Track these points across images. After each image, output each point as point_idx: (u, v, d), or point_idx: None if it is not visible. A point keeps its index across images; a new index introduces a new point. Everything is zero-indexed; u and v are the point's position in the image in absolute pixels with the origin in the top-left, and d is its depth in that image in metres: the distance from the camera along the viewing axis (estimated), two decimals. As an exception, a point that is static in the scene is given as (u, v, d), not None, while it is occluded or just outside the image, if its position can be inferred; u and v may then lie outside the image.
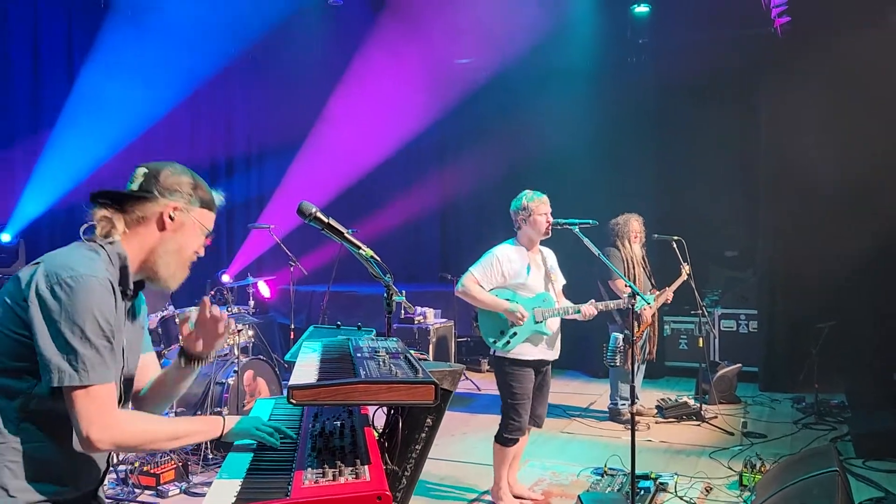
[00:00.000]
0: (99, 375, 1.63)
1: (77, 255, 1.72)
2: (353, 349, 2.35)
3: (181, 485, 4.57)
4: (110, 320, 1.67)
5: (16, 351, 1.64)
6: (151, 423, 1.83)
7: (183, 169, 1.93)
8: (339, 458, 1.80)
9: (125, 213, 1.83)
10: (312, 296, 8.39)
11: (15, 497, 1.64)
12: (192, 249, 1.93)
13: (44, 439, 1.69)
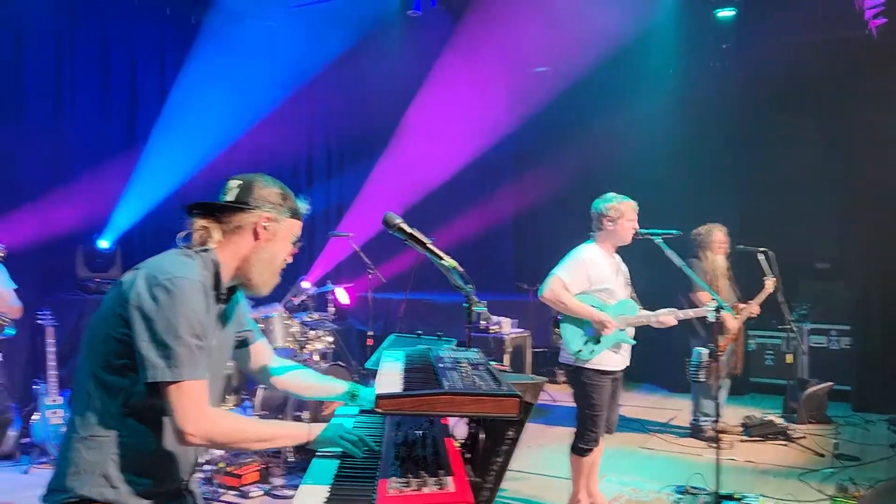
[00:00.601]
0: (190, 372, 1.72)
1: (174, 260, 1.84)
2: (434, 359, 2.36)
3: (263, 487, 4.70)
4: (202, 321, 1.77)
5: (118, 350, 1.75)
6: (242, 423, 1.91)
7: (273, 181, 2.02)
8: (422, 468, 1.81)
9: (221, 223, 1.93)
10: (389, 303, 8.48)
11: (118, 487, 1.76)
12: (282, 257, 2.02)
13: (143, 434, 1.79)
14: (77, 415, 1.82)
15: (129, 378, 1.75)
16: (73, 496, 1.74)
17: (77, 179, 6.51)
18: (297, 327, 5.77)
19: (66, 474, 1.76)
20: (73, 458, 1.76)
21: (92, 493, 1.73)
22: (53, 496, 1.78)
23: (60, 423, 5.50)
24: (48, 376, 5.48)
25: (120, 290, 1.79)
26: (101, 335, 1.79)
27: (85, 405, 1.80)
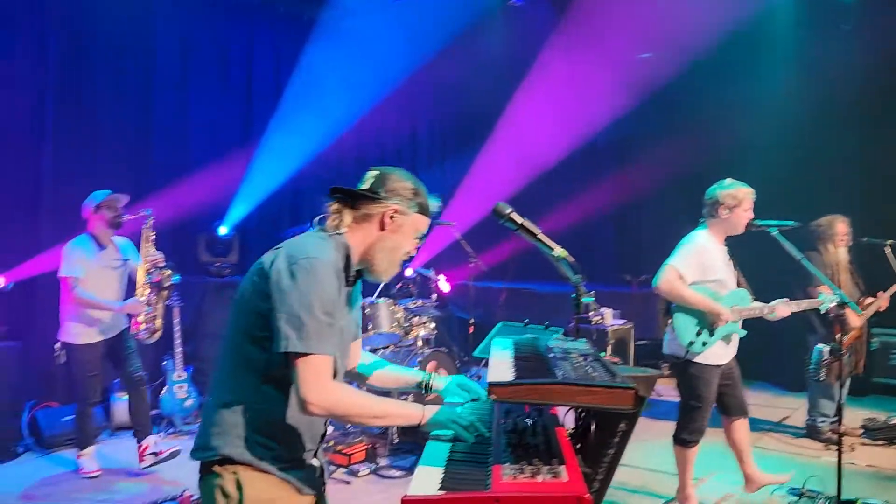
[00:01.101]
0: (319, 346, 1.82)
1: (312, 241, 1.96)
2: (544, 349, 2.38)
3: (371, 466, 4.87)
4: (333, 300, 1.88)
5: (259, 323, 1.88)
6: (361, 398, 1.98)
7: (408, 175, 2.11)
8: (534, 456, 1.84)
9: (354, 209, 2.04)
10: (489, 292, 8.53)
11: (254, 449, 1.90)
12: (405, 249, 2.10)
13: (278, 402, 1.92)
14: (220, 380, 1.98)
15: (267, 350, 1.87)
16: (216, 454, 1.89)
17: (199, 171, 6.93)
18: (402, 313, 5.91)
19: (210, 434, 1.92)
20: (216, 420, 1.92)
21: (232, 453, 1.88)
22: (199, 453, 1.95)
23: (185, 396, 5.90)
24: (175, 353, 5.89)
25: (261, 268, 1.92)
26: (245, 309, 1.93)
27: (227, 372, 1.96)
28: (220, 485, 1.88)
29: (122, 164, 6.53)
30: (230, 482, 1.88)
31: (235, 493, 1.87)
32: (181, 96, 7.10)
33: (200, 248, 6.79)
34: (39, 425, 5.40)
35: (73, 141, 6.21)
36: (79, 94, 6.29)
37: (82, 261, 4.67)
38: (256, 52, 7.81)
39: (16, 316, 5.67)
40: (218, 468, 1.90)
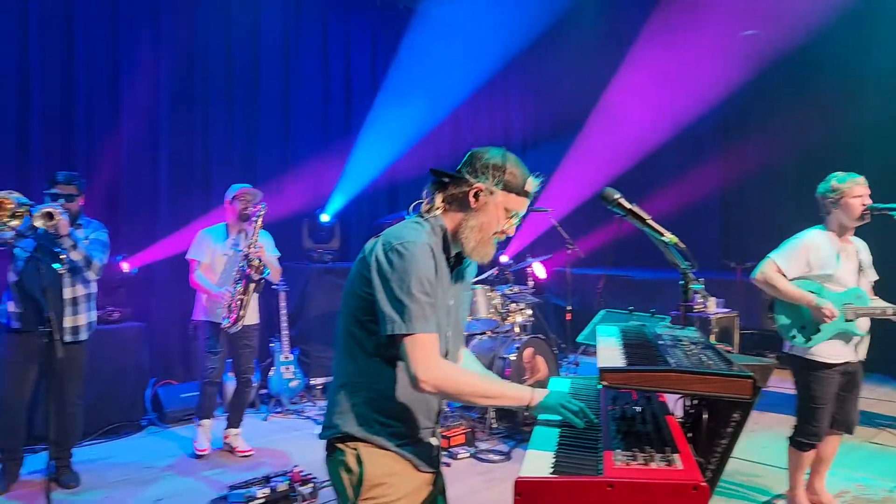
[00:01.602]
0: (422, 325, 1.88)
1: (407, 226, 2.02)
2: (652, 336, 2.35)
3: (470, 449, 4.95)
4: (431, 280, 1.93)
5: (364, 307, 1.97)
6: (470, 376, 2.03)
7: (501, 154, 2.07)
8: (646, 444, 1.83)
9: (444, 190, 2.08)
10: (586, 278, 8.44)
11: (373, 427, 1.98)
12: (493, 228, 2.06)
13: (391, 381, 1.99)
14: (337, 362, 2.08)
15: (374, 332, 1.95)
16: (339, 432, 2.00)
17: (303, 162, 7.18)
18: (499, 299, 5.94)
19: (333, 413, 2.03)
20: (337, 400, 2.03)
21: (351, 431, 1.98)
22: (326, 431, 2.06)
23: (292, 377, 6.17)
24: (281, 336, 6.15)
25: (363, 255, 2.01)
26: (352, 294, 2.02)
27: (342, 354, 2.05)
28: (343, 460, 1.98)
29: (232, 156, 6.85)
30: (351, 458, 1.97)
31: (356, 469, 1.96)
32: (283, 90, 7.36)
33: (304, 234, 7.04)
34: (161, 401, 5.79)
35: (187, 139, 6.58)
36: (190, 93, 6.62)
37: (208, 247, 4.94)
38: (354, 44, 7.98)
39: (138, 299, 6.07)
40: (340, 445, 1.99)
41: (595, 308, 6.71)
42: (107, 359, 5.34)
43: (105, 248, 4.48)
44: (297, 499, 4.04)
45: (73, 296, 4.37)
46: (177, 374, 6.31)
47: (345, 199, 7.38)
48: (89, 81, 5.97)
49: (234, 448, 5.05)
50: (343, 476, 1.99)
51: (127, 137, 6.16)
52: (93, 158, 5.92)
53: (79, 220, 4.42)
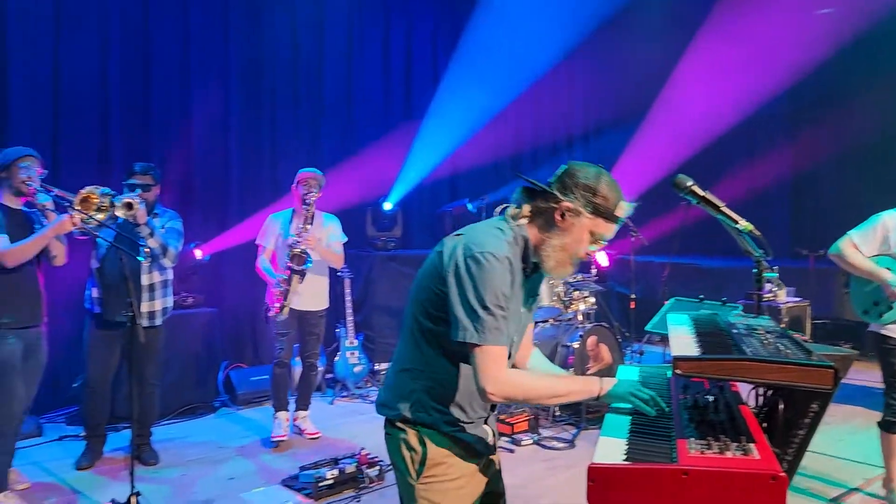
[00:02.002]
0: (494, 338, 1.90)
1: (489, 233, 2.01)
2: (725, 325, 2.32)
3: (533, 436, 4.97)
4: (506, 293, 1.93)
5: (436, 302, 2.00)
6: (536, 380, 2.06)
7: (595, 174, 2.00)
8: (720, 433, 1.81)
9: (533, 200, 2.05)
10: (650, 267, 8.30)
11: (430, 413, 2.04)
12: (576, 250, 2.02)
13: (450, 373, 2.04)
14: (401, 347, 2.14)
15: (442, 327, 1.99)
16: (397, 414, 2.06)
17: (365, 151, 7.28)
18: (562, 287, 5.91)
19: (393, 395, 2.09)
20: (398, 384, 2.09)
21: (411, 416, 2.04)
22: (383, 409, 2.13)
23: (356, 362, 6.29)
24: (346, 321, 6.28)
25: (441, 251, 2.03)
26: (424, 287, 2.05)
27: (407, 342, 2.10)
28: (406, 439, 2.05)
29: (298, 146, 7.00)
30: (413, 438, 2.04)
31: (419, 448, 2.03)
32: (346, 80, 7.47)
33: (367, 222, 7.15)
34: (233, 384, 5.99)
35: (255, 132, 6.76)
36: (258, 87, 6.79)
37: (273, 233, 5.02)
38: (415, 33, 8.02)
39: (210, 285, 6.29)
40: (401, 425, 2.06)
41: (659, 297, 6.61)
42: (182, 343, 5.57)
43: (180, 237, 4.65)
44: (364, 480, 4.14)
45: (150, 282, 4.56)
46: (247, 357, 6.53)
47: (407, 187, 7.46)
48: (164, 78, 6.20)
49: (303, 430, 5.18)
50: (405, 453, 2.05)
51: (199, 131, 6.37)
52: (167, 152, 6.15)
53: (155, 210, 4.60)
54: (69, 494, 4.12)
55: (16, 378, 3.84)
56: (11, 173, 3.88)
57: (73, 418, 5.38)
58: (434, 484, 2.03)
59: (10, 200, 3.93)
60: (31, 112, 5.49)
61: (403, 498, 2.12)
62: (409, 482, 2.05)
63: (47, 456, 4.75)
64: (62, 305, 5.06)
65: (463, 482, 2.06)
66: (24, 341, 3.90)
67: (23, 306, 3.88)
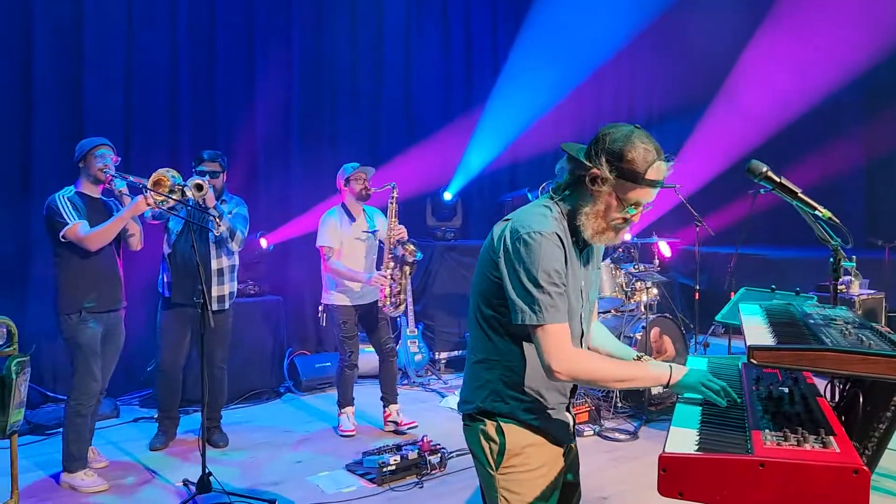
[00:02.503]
0: (552, 316, 1.89)
1: (534, 213, 2.01)
2: (800, 315, 2.26)
3: (594, 427, 4.93)
4: (559, 269, 1.91)
5: (493, 289, 2.00)
6: (603, 363, 2.03)
7: (624, 136, 1.93)
8: (797, 425, 1.77)
9: (572, 172, 2.03)
10: (715, 257, 8.11)
11: (507, 403, 2.03)
12: (611, 216, 1.96)
13: (521, 359, 2.03)
14: (472, 340, 2.14)
15: (502, 313, 2.00)
16: (475, 407, 2.07)
17: (425, 141, 7.31)
18: (624, 278, 5.84)
19: (471, 388, 2.10)
20: (473, 376, 2.10)
21: (487, 406, 2.04)
22: (463, 405, 2.14)
23: (416, 351, 6.36)
24: (407, 311, 6.35)
25: (492, 238, 2.04)
26: (482, 276, 2.06)
27: (475, 333, 2.11)
28: (484, 430, 2.05)
29: (358, 137, 7.08)
30: (492, 429, 2.04)
31: (498, 438, 2.03)
32: (405, 70, 7.51)
33: (427, 212, 7.19)
34: (297, 370, 6.13)
35: (316, 124, 6.88)
36: (318, 79, 6.90)
37: (335, 231, 4.98)
38: (474, 22, 7.99)
39: (275, 274, 6.45)
40: (480, 416, 2.06)
41: (725, 288, 6.45)
42: (248, 330, 5.73)
43: (246, 222, 4.78)
44: (426, 467, 4.19)
45: (219, 267, 4.70)
46: (310, 345, 6.67)
47: (467, 177, 7.46)
48: (229, 72, 6.37)
49: (400, 423, 5.07)
50: (484, 445, 2.05)
51: (262, 123, 6.52)
52: (233, 145, 6.31)
53: (223, 196, 4.74)
54: (144, 473, 4.30)
55: (96, 360, 4.02)
56: (88, 162, 4.06)
57: (147, 401, 5.61)
58: (514, 474, 2.02)
59: (89, 189, 4.12)
60: (104, 105, 5.71)
61: (484, 488, 2.12)
62: (490, 472, 2.04)
63: (123, 436, 4.96)
64: (138, 291, 5.27)
65: (543, 471, 2.05)
66: (104, 325, 4.09)
67: (103, 291, 4.07)
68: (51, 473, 4.23)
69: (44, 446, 4.73)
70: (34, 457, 4.52)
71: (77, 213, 3.95)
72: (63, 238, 3.91)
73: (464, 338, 6.81)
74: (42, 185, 5.14)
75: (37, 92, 5.39)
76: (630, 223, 2.02)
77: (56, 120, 5.47)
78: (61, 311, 3.98)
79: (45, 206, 3.98)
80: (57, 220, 3.92)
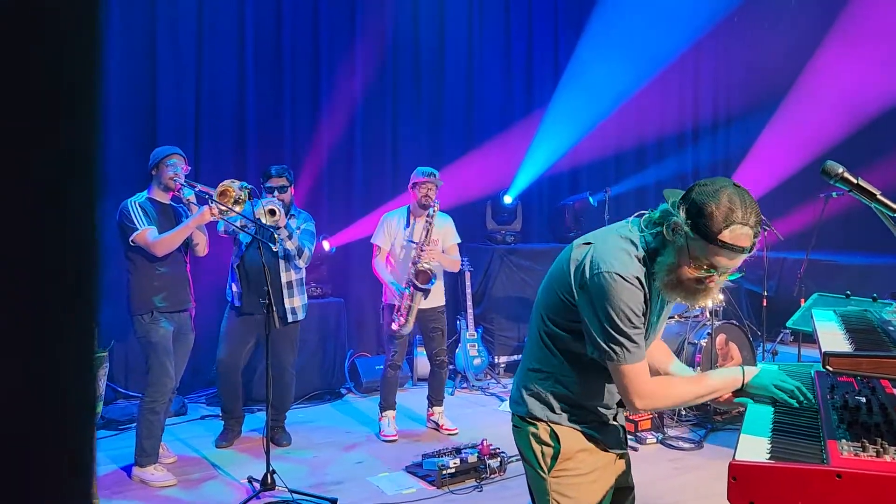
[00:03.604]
0: (631, 357, 1.88)
1: (618, 247, 1.93)
2: (878, 321, 2.17)
3: (657, 435, 4.84)
4: (637, 311, 1.88)
5: (561, 308, 2.01)
6: (680, 387, 2.04)
7: (713, 192, 1.80)
8: (876, 435, 1.70)
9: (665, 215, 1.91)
10: (784, 262, 7.86)
11: (557, 413, 2.04)
12: (684, 274, 1.86)
13: (577, 374, 2.04)
14: (530, 346, 2.15)
15: (566, 334, 2.01)
16: (527, 412, 2.09)
17: (486, 144, 7.31)
18: (688, 283, 5.70)
19: (523, 392, 2.11)
20: (525, 382, 2.12)
21: (538, 414, 2.06)
22: (515, 406, 2.16)
23: (476, 355, 6.36)
24: (466, 314, 6.36)
25: (568, 259, 2.01)
26: (551, 289, 2.06)
27: (535, 342, 2.12)
28: (536, 433, 2.06)
29: (419, 142, 7.13)
30: (545, 432, 2.05)
31: (551, 442, 2.04)
32: (467, 75, 7.52)
33: (487, 216, 7.19)
34: (358, 371, 6.21)
35: (378, 129, 6.95)
36: (381, 86, 6.97)
37: (389, 232, 5.01)
38: (536, 24, 7.96)
39: (337, 276, 6.55)
40: (531, 419, 2.08)
41: (795, 294, 6.24)
42: (311, 331, 5.83)
43: (313, 238, 4.89)
44: (485, 471, 4.18)
45: (288, 280, 4.80)
46: (370, 347, 6.74)
47: (527, 180, 7.42)
48: (294, 81, 6.51)
49: (441, 426, 5.15)
50: (536, 448, 2.06)
51: (326, 128, 6.63)
52: (298, 150, 6.45)
53: (291, 211, 4.85)
54: (210, 470, 4.43)
55: (169, 358, 4.17)
56: (160, 170, 4.23)
57: (212, 399, 5.77)
58: (566, 478, 2.02)
59: (160, 195, 4.28)
60: (176, 116, 5.92)
61: (534, 491, 2.12)
62: (541, 476, 2.05)
63: (191, 433, 5.12)
64: (206, 294, 5.43)
65: (595, 476, 2.05)
66: (175, 324, 4.24)
67: (172, 292, 4.22)
68: (122, 467, 4.39)
69: (116, 441, 4.91)
70: (107, 451, 4.70)
71: (147, 219, 4.11)
72: (132, 242, 4.08)
73: (523, 342, 6.76)
74: (116, 191, 5.35)
75: (113, 102, 5.61)
76: (708, 289, 1.90)
77: (131, 129, 5.68)
78: (134, 311, 4.14)
79: (118, 212, 4.15)
80: (128, 225, 4.08)
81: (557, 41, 8.07)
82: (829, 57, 8.32)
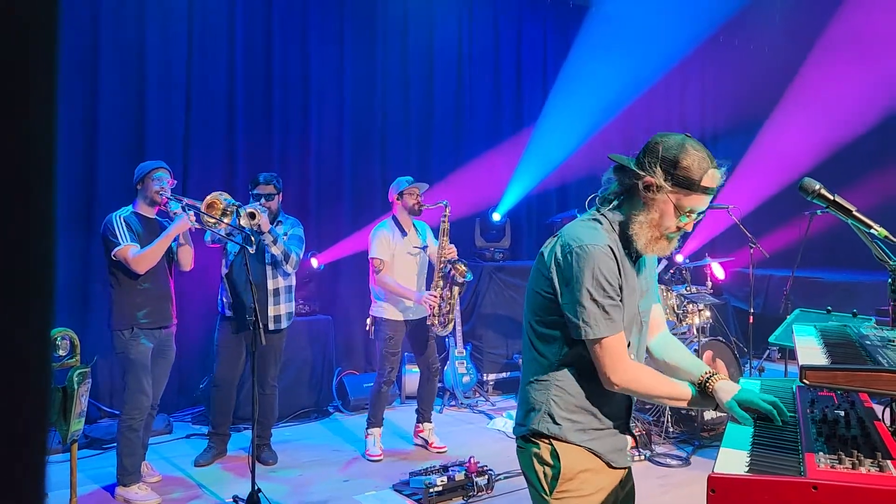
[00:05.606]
0: (606, 329, 1.89)
1: (583, 227, 2.00)
2: (856, 336, 2.19)
3: (645, 452, 4.83)
4: (611, 281, 1.91)
5: (546, 306, 2.00)
6: (656, 379, 2.00)
7: (678, 144, 1.91)
8: (852, 448, 1.71)
9: (622, 182, 2.01)
10: (770, 280, 7.91)
11: (560, 424, 1.99)
12: (665, 226, 1.94)
13: (577, 378, 2.00)
14: (525, 360, 2.13)
15: (558, 331, 1.98)
16: (528, 429, 2.03)
17: (474, 162, 7.35)
18: (675, 300, 5.74)
19: (523, 411, 2.08)
20: (526, 399, 2.07)
21: (541, 428, 2.00)
22: (518, 429, 2.11)
23: (464, 372, 6.34)
24: (455, 332, 6.35)
25: (542, 255, 2.04)
26: (532, 293, 2.06)
27: (527, 352, 2.10)
28: (538, 453, 2.00)
29: (408, 158, 7.17)
30: (546, 452, 1.99)
31: (552, 462, 1.98)
32: (456, 92, 7.59)
33: (476, 233, 7.21)
34: (346, 389, 6.18)
35: (366, 144, 7.00)
36: (370, 101, 7.02)
37: (388, 244, 4.99)
38: (524, 43, 8.05)
39: (325, 294, 6.54)
40: (534, 439, 2.02)
41: (781, 312, 6.28)
42: (298, 349, 5.81)
43: (301, 243, 4.88)
44: (473, 488, 4.16)
45: (275, 287, 4.79)
46: (358, 364, 6.72)
47: (516, 198, 7.46)
48: (283, 94, 6.54)
49: (430, 443, 5.12)
50: (537, 468, 2.01)
51: (315, 144, 6.66)
52: (287, 166, 6.46)
53: (279, 217, 4.85)
54: (195, 489, 4.38)
55: (146, 375, 4.14)
56: (146, 184, 4.23)
57: (198, 417, 5.73)
58: (568, 499, 1.98)
59: (145, 210, 4.27)
60: (165, 128, 5.92)
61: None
62: (543, 497, 2.00)
63: (176, 452, 5.07)
64: (194, 310, 5.41)
65: (598, 497, 2.00)
66: (155, 341, 4.22)
67: (155, 308, 4.20)
68: (105, 486, 4.34)
69: (100, 460, 4.87)
70: (91, 470, 4.65)
71: (131, 235, 4.09)
72: (114, 257, 4.07)
73: (512, 359, 6.76)
74: (105, 204, 5.35)
75: (101, 114, 5.60)
76: (682, 232, 2.01)
77: (119, 141, 5.68)
78: (115, 326, 4.12)
79: (103, 225, 4.15)
80: (110, 240, 4.07)
81: (546, 59, 8.17)
82: (813, 76, 8.44)
